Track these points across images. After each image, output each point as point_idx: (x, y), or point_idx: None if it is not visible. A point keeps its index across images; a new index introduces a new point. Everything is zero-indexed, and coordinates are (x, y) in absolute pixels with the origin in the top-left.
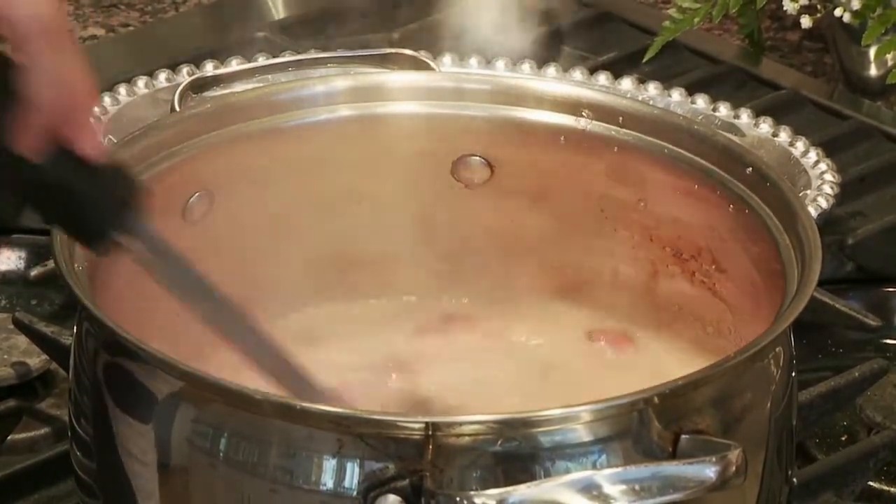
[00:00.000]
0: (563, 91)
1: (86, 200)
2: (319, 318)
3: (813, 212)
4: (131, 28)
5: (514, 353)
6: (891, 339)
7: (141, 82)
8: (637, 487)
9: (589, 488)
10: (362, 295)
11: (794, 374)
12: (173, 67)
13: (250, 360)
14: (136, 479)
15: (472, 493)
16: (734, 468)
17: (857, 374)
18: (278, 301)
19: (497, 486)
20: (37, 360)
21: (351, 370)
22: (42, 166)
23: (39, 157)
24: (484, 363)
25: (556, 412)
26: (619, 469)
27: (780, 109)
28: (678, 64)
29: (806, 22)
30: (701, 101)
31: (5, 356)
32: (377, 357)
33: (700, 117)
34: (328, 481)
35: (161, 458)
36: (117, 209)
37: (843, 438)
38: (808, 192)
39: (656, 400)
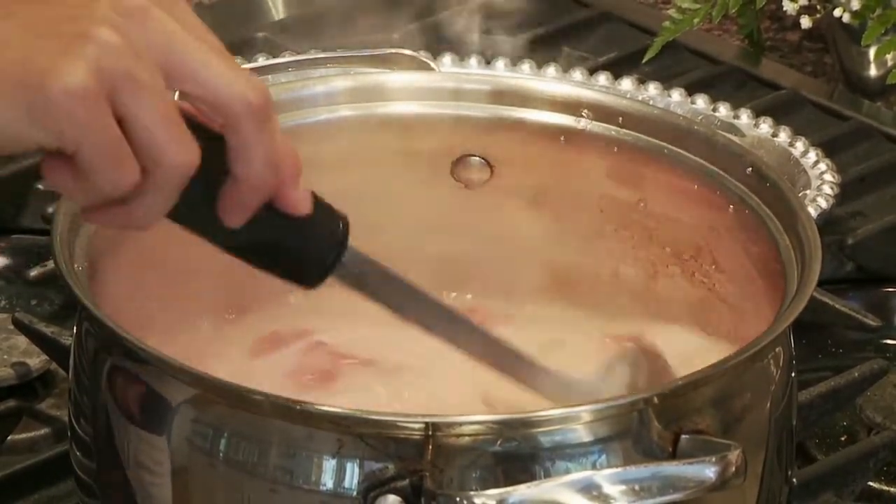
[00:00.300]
0: (563, 91)
1: (297, 253)
2: (317, 317)
3: (813, 212)
4: None
5: None
6: (891, 339)
7: None
8: (637, 487)
9: (589, 488)
10: None
11: (794, 374)
12: None
13: (481, 361)
14: (136, 479)
15: (472, 493)
16: (734, 468)
17: (857, 374)
18: (277, 300)
19: (497, 486)
20: (37, 360)
21: (350, 369)
22: (250, 228)
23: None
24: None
25: (556, 412)
26: (619, 469)
27: (780, 110)
28: (678, 64)
29: (806, 22)
30: (701, 102)
31: (5, 356)
32: (376, 358)
33: (700, 117)
34: (328, 481)
35: (161, 459)
36: (328, 253)
37: (843, 438)
38: (808, 192)
39: (656, 400)
